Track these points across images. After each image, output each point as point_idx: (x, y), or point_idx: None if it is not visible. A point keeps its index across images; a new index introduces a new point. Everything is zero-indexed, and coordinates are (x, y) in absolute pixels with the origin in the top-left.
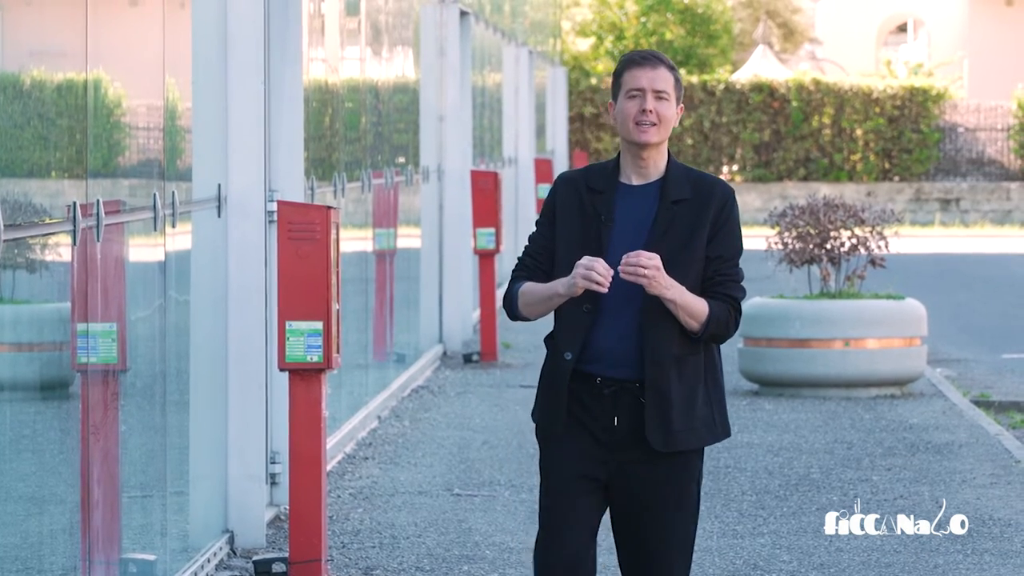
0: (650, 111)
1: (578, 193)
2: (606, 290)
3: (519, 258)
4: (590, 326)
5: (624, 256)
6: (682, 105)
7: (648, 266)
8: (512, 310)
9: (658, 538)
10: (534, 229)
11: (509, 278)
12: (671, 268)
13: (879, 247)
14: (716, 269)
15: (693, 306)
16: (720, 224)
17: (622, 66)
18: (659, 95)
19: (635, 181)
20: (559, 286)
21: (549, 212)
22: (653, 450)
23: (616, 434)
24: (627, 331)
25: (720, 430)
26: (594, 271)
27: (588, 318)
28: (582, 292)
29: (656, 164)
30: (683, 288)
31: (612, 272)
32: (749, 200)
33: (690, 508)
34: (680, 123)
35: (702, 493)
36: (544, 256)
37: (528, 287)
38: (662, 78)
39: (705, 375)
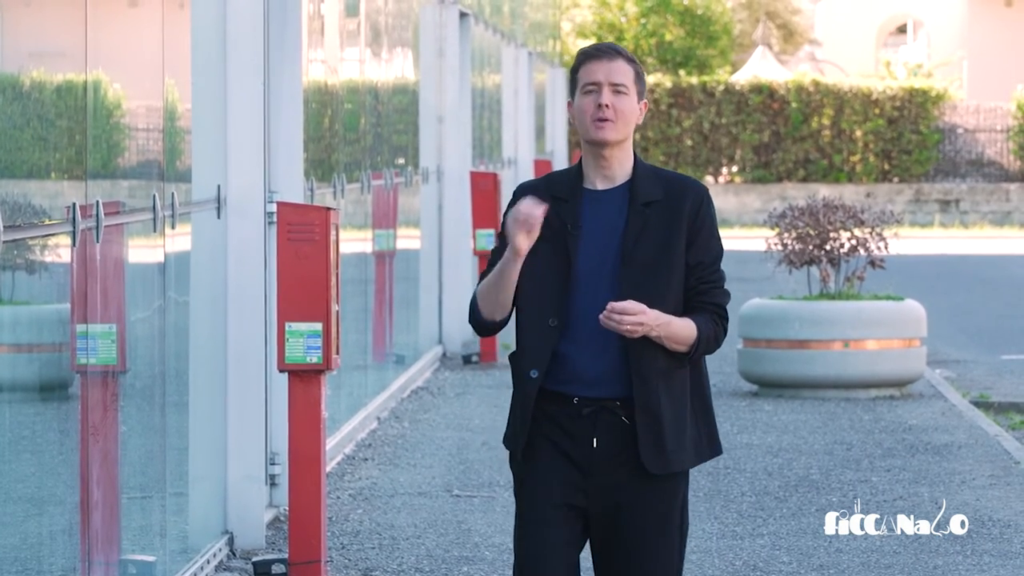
0: (606, 106)
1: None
2: (539, 220)
3: (481, 275)
4: (558, 341)
5: (607, 308)
6: (645, 101)
7: (629, 321)
8: (474, 317)
9: (642, 568)
10: (495, 244)
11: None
12: (651, 275)
13: (878, 248)
14: (699, 277)
15: (680, 333)
16: (698, 227)
17: (578, 61)
18: (616, 89)
19: (600, 186)
20: (506, 253)
21: None
22: (636, 473)
23: (596, 457)
24: (603, 347)
25: (708, 448)
26: (520, 210)
27: (555, 333)
28: (524, 244)
29: (622, 165)
30: (668, 317)
31: (543, 207)
32: (748, 201)
33: (675, 534)
34: (679, 124)
35: (702, 494)
36: None
37: (482, 282)
38: (619, 71)
39: (692, 389)
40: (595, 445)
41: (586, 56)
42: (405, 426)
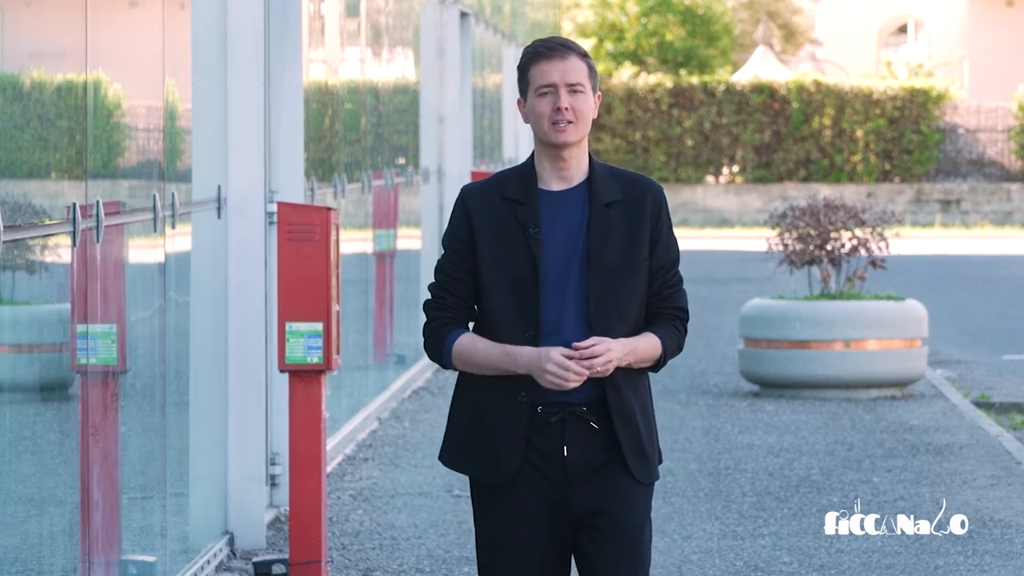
0: (566, 108)
1: (493, 206)
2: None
3: (433, 290)
4: None
5: (577, 351)
6: (599, 93)
7: (600, 363)
8: (442, 362)
9: (625, 572)
10: (442, 254)
11: (425, 316)
12: (620, 279)
13: (879, 248)
14: (662, 282)
15: (646, 354)
16: (659, 231)
17: (527, 59)
18: (573, 89)
19: (556, 187)
20: (520, 358)
21: (464, 235)
22: (611, 481)
23: (568, 467)
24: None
25: (659, 455)
26: (570, 374)
27: (531, 344)
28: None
29: (579, 165)
30: (632, 343)
31: (584, 372)
32: (749, 201)
33: (648, 538)
34: (680, 124)
35: (703, 494)
36: (467, 292)
37: (466, 345)
38: (574, 69)
39: (650, 395)
40: (564, 454)
41: (537, 55)
42: (406, 426)
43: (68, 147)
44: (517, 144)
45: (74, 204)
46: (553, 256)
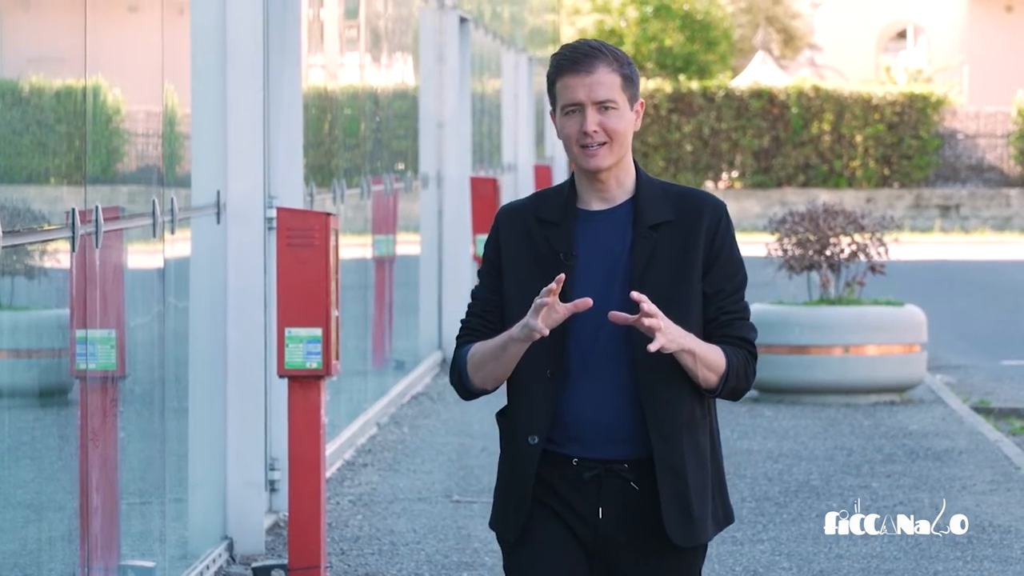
0: (594, 131)
1: (526, 228)
2: (562, 317)
3: (462, 321)
4: (555, 396)
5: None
6: (641, 101)
7: (654, 313)
8: (462, 383)
9: None
10: (476, 283)
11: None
12: (667, 309)
13: (879, 253)
14: (720, 307)
15: (711, 355)
16: (717, 251)
17: (552, 71)
18: (603, 106)
19: (597, 206)
20: (513, 330)
21: (493, 257)
22: (650, 549)
23: (601, 529)
24: (607, 397)
25: (724, 517)
26: (547, 297)
27: (552, 386)
28: (538, 336)
29: (621, 184)
30: (692, 334)
31: (568, 305)
32: (749, 206)
33: None
34: (679, 129)
35: None
36: (494, 315)
37: (475, 348)
38: (603, 84)
39: (712, 446)
40: (600, 516)
41: (560, 68)
42: (405, 432)
43: (67, 152)
44: (516, 149)
45: (73, 209)
46: (588, 284)
